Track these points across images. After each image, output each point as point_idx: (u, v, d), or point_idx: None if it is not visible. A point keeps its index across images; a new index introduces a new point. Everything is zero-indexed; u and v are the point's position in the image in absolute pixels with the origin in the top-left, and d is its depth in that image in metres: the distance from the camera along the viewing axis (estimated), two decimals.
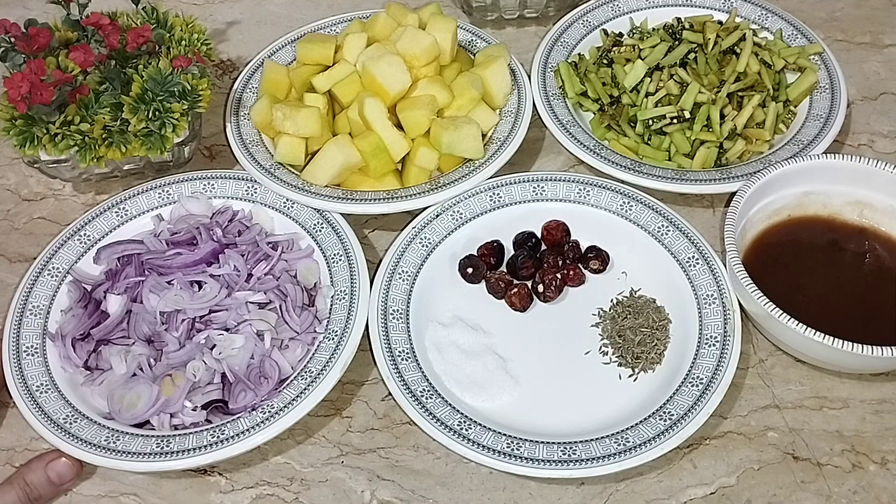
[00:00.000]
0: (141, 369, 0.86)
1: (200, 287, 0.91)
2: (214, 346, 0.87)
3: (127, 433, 0.83)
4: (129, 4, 1.04)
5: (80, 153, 0.94)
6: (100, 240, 0.98)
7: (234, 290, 0.91)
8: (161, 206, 1.00)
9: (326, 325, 0.89)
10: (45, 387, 0.86)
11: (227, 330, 0.88)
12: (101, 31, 0.98)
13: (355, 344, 0.87)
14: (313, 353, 0.87)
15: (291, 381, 0.85)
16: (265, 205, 1.00)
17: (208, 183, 1.01)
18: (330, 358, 0.86)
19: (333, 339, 0.87)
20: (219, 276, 0.91)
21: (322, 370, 0.85)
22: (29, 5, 1.29)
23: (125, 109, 0.94)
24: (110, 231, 0.98)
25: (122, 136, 0.95)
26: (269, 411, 0.83)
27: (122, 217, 0.99)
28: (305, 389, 0.84)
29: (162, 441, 0.82)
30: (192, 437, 0.82)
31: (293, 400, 0.83)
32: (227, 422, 0.83)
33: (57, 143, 0.94)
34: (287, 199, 0.99)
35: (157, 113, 0.95)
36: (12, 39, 0.94)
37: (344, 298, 0.90)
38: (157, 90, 0.95)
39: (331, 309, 0.90)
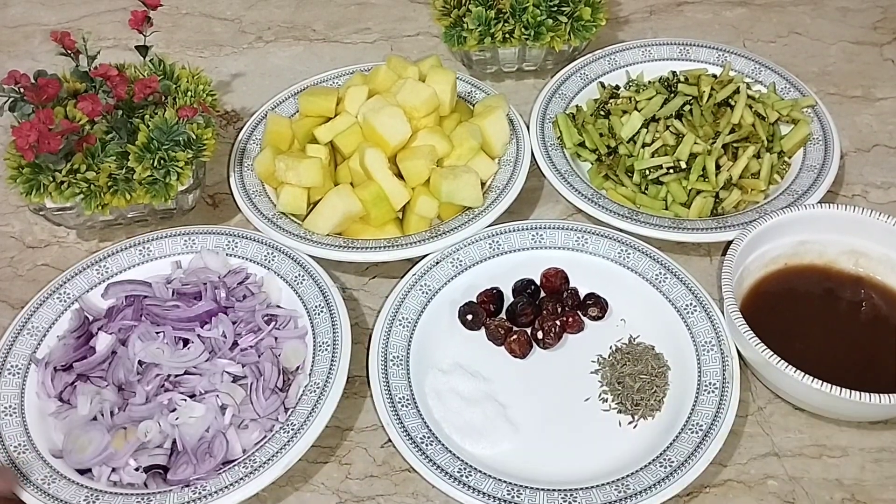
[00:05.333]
0: (102, 414, 0.86)
1: (186, 344, 0.90)
2: (175, 409, 0.86)
3: (66, 477, 0.82)
4: (137, 56, 1.07)
5: (86, 201, 0.96)
6: (116, 274, 0.98)
7: (216, 356, 0.90)
8: (182, 254, 1.00)
9: (288, 416, 0.86)
10: (11, 409, 0.86)
11: (192, 396, 0.87)
12: (109, 82, 1.00)
13: (308, 442, 0.83)
14: (265, 442, 0.84)
15: (233, 465, 0.83)
16: (279, 274, 0.98)
17: (232, 240, 1.00)
18: (278, 451, 0.82)
19: (289, 431, 0.84)
20: (206, 338, 0.91)
21: (266, 462, 0.82)
22: (38, 57, 1.32)
23: (131, 158, 0.96)
24: (129, 268, 0.99)
25: (127, 184, 0.96)
26: (200, 493, 0.80)
27: (144, 256, 0.99)
28: (242, 479, 0.81)
29: (91, 494, 0.81)
30: (119, 499, 0.81)
31: (226, 487, 0.80)
32: (158, 491, 0.81)
33: (63, 190, 0.95)
34: (298, 274, 0.97)
35: (162, 161, 0.96)
36: (22, 90, 0.96)
37: (314, 391, 0.87)
38: (163, 139, 0.97)
39: (298, 400, 0.87)
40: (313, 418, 0.84)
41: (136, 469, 0.83)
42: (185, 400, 0.86)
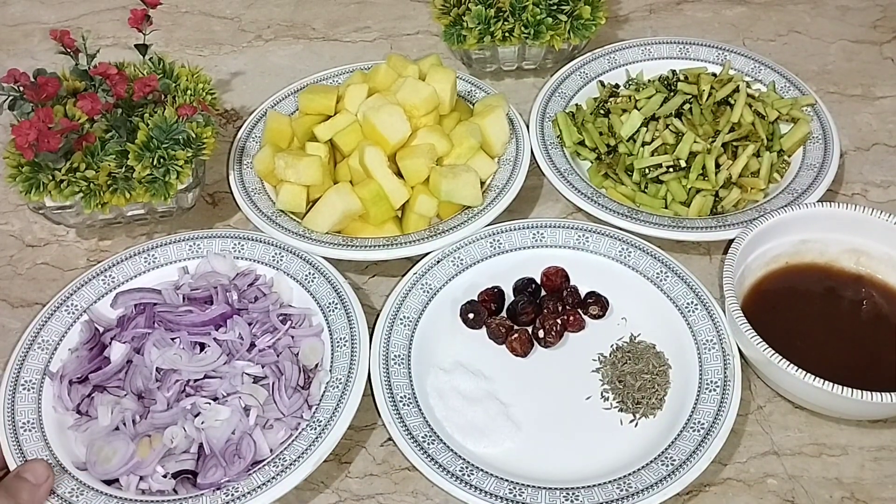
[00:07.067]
0: (124, 424, 0.85)
1: (203, 349, 0.90)
2: (199, 413, 0.85)
3: (94, 489, 0.82)
4: (137, 55, 1.06)
5: (85, 199, 0.95)
6: (123, 283, 0.97)
7: (234, 359, 0.89)
8: (188, 259, 1.00)
9: (313, 413, 0.86)
10: (30, 424, 0.86)
11: (215, 399, 0.86)
12: (108, 81, 0.99)
13: (336, 438, 0.84)
14: (293, 440, 0.84)
15: (263, 465, 0.83)
16: (288, 274, 0.98)
17: (238, 243, 1.00)
18: (307, 448, 0.83)
19: (316, 428, 0.84)
20: (223, 341, 0.90)
21: (296, 460, 0.82)
22: (38, 56, 1.32)
23: (130, 157, 0.96)
24: (136, 276, 0.98)
25: (127, 182, 0.96)
26: (233, 494, 0.80)
27: (149, 264, 0.99)
28: (274, 478, 0.81)
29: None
30: None
31: (259, 487, 0.80)
32: (190, 496, 0.81)
33: (62, 189, 0.95)
34: (308, 272, 0.97)
35: (161, 160, 0.96)
36: (21, 88, 0.96)
37: (337, 387, 0.87)
38: (163, 138, 0.96)
39: (322, 396, 0.88)
40: (339, 413, 0.85)
41: (165, 476, 0.83)
42: (210, 403, 0.85)
